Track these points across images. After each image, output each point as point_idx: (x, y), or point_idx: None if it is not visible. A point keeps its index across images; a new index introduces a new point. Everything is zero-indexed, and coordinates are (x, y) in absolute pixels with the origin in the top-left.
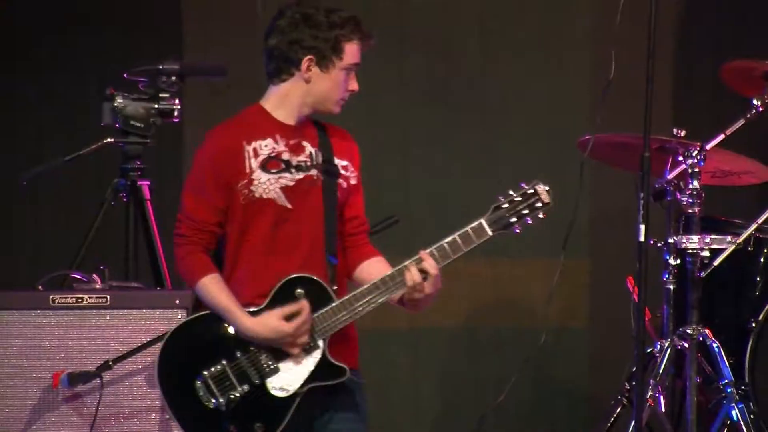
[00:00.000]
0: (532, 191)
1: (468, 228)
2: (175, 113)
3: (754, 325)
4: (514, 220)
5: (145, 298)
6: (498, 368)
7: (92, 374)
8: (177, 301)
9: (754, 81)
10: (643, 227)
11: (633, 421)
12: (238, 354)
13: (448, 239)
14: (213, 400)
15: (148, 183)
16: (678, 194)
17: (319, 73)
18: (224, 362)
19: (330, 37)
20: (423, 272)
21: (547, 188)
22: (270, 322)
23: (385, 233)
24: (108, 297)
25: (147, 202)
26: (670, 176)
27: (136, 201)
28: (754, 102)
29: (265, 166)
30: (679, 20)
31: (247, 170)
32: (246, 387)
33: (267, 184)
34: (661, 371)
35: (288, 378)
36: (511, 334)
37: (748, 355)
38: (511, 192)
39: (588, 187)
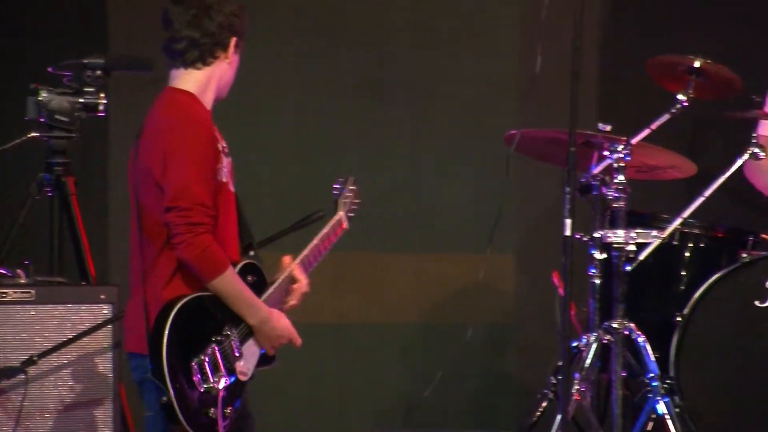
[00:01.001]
0: (353, 187)
1: (329, 226)
2: (101, 107)
3: (679, 319)
4: (351, 214)
5: (70, 293)
6: (425, 363)
7: (17, 369)
8: (102, 296)
9: (679, 76)
10: (569, 222)
11: (559, 415)
12: (222, 338)
13: (315, 242)
14: (205, 384)
15: (73, 178)
16: (604, 189)
17: (233, 56)
18: (214, 346)
19: (244, 19)
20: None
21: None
22: (284, 320)
23: (312, 227)
24: (33, 292)
25: (72, 197)
26: (595, 171)
27: (61, 196)
28: (679, 97)
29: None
30: (605, 15)
31: (220, 153)
32: (228, 371)
33: (225, 168)
34: (587, 365)
35: (248, 363)
36: (438, 329)
37: (673, 349)
38: (338, 186)
39: (514, 182)
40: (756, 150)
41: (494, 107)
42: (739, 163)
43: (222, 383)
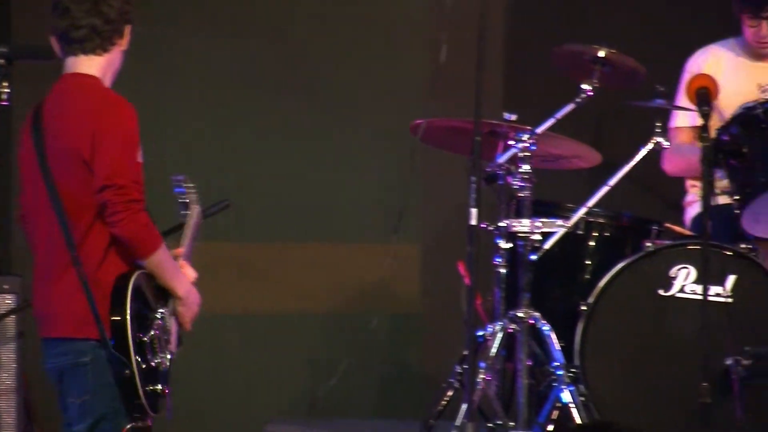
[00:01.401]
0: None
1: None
2: (3, 97)
3: (584, 308)
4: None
5: None
6: (331, 352)
7: None
8: (6, 286)
9: (584, 66)
10: (474, 211)
11: (464, 404)
12: (162, 315)
13: (189, 234)
14: (154, 359)
15: None
16: (509, 178)
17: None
18: (159, 322)
19: (131, 8)
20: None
21: None
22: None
23: (217, 217)
24: None
25: None
26: (501, 160)
27: None
28: (584, 87)
29: None
30: (510, 5)
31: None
32: (168, 348)
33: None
34: (492, 354)
35: (174, 341)
36: (343, 319)
37: (578, 338)
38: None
39: (420, 172)
40: (660, 139)
41: (400, 97)
42: (643, 152)
43: (168, 358)
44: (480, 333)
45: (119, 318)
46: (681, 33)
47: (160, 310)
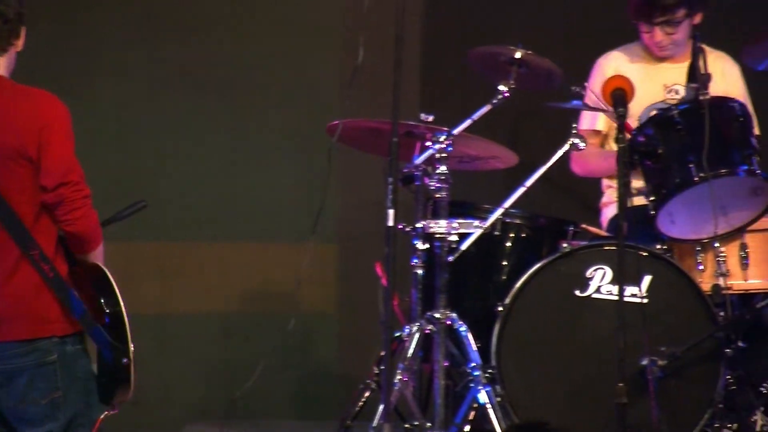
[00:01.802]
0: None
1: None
2: None
3: (500, 308)
4: None
5: None
6: (248, 353)
7: None
8: None
9: (501, 67)
10: (391, 212)
11: (382, 405)
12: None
13: None
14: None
15: None
16: (426, 179)
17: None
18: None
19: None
20: None
21: None
22: None
23: (133, 218)
24: None
25: None
26: (418, 161)
27: None
28: (500, 88)
29: None
30: (427, 6)
31: None
32: None
33: None
34: (409, 355)
35: None
36: (261, 320)
37: (495, 339)
38: None
39: (337, 172)
40: (576, 141)
41: (317, 97)
42: (559, 153)
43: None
44: (397, 334)
45: (116, 307)
46: (597, 35)
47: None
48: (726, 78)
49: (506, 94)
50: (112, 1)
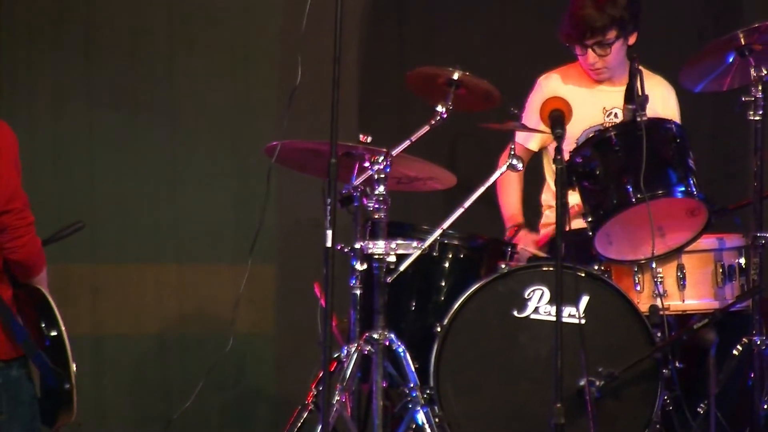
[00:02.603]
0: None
1: None
2: None
3: (439, 329)
4: None
5: None
6: (185, 374)
7: None
8: None
9: (438, 88)
10: (330, 232)
11: (320, 426)
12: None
13: None
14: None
15: None
16: (365, 200)
17: None
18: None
19: None
20: None
21: None
22: None
23: (70, 239)
24: None
25: None
26: (356, 182)
27: None
28: (439, 108)
29: None
30: (366, 27)
31: None
32: None
33: None
34: (347, 376)
35: None
36: (199, 340)
37: (433, 360)
38: None
39: (275, 193)
40: (514, 162)
41: (255, 118)
42: (497, 174)
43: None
44: (335, 354)
45: (57, 331)
46: (535, 56)
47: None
48: (665, 102)
49: (444, 115)
50: (48, 23)
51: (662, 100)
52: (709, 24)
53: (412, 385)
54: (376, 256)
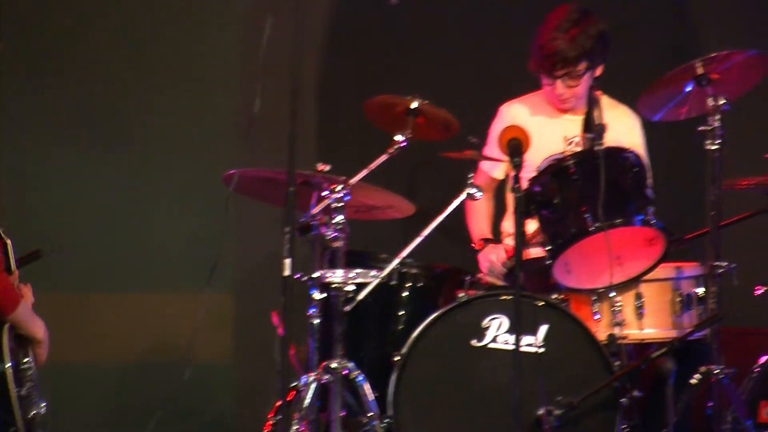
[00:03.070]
0: None
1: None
2: None
3: (397, 358)
4: None
5: None
6: (144, 402)
7: None
8: None
9: (397, 117)
10: (288, 261)
11: None
12: (29, 365)
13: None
14: (33, 411)
15: None
16: (323, 229)
17: None
18: (30, 374)
19: None
20: None
21: None
22: None
23: (29, 267)
24: None
25: None
26: (315, 211)
27: None
28: (397, 138)
29: None
30: (324, 55)
31: None
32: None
33: None
34: (306, 405)
35: None
36: (157, 369)
37: (392, 389)
38: None
39: (233, 222)
40: (472, 191)
41: (214, 146)
42: (456, 203)
43: (42, 407)
44: (294, 383)
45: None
46: (494, 85)
47: (26, 360)
48: (630, 133)
49: (403, 144)
50: (12, 48)
51: (627, 131)
52: (667, 53)
53: (370, 414)
54: (335, 285)
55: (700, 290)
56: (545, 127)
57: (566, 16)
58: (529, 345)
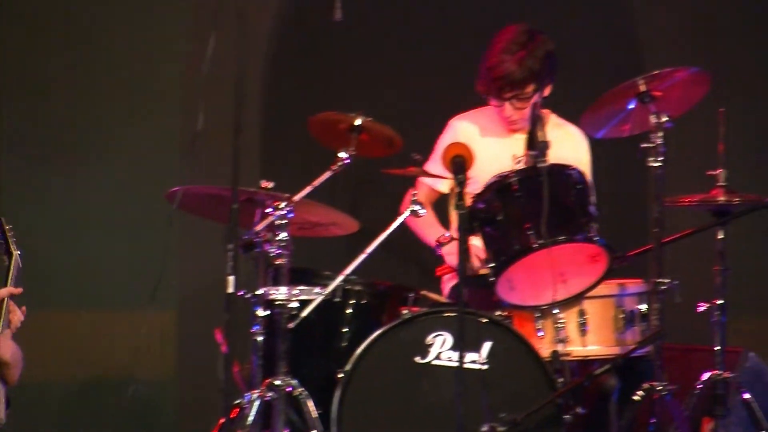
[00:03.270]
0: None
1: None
2: None
3: (341, 375)
4: None
5: None
6: (88, 420)
7: None
8: None
9: (340, 134)
10: (232, 278)
11: None
12: None
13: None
14: None
15: None
16: (267, 246)
17: None
18: None
19: None
20: None
21: None
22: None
23: None
24: None
25: None
26: (258, 228)
27: None
28: (341, 154)
29: None
30: (267, 72)
31: None
32: None
33: None
34: (249, 422)
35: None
36: (101, 387)
37: (335, 406)
38: None
39: (177, 239)
40: (416, 208)
41: (156, 163)
42: (400, 220)
43: None
44: (237, 401)
45: None
46: (438, 101)
47: None
48: (576, 151)
49: (347, 161)
50: None
51: (573, 149)
52: (610, 70)
53: (314, 431)
54: (279, 302)
55: (643, 307)
56: (495, 146)
57: (514, 38)
58: (473, 362)
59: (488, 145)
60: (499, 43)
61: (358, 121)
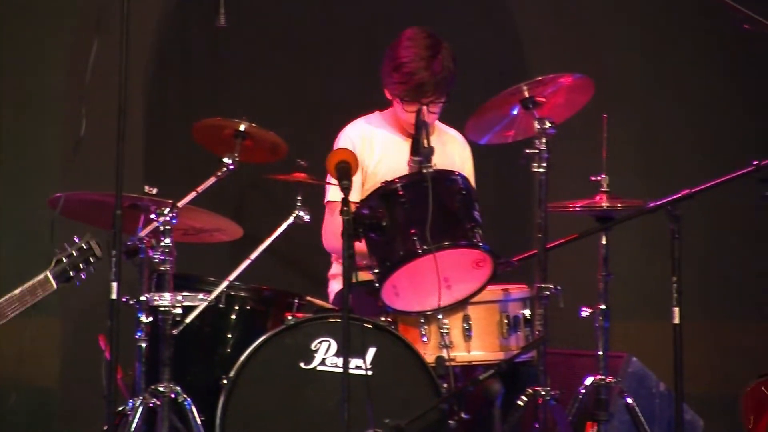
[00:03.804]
0: (86, 246)
1: (35, 281)
2: None
3: (225, 381)
4: (74, 273)
5: None
6: None
7: None
8: None
9: (225, 139)
10: (115, 285)
11: None
12: None
13: (15, 292)
14: None
15: None
16: (150, 252)
17: None
18: None
19: None
20: None
21: (98, 242)
22: None
23: None
24: None
25: None
26: (142, 234)
27: None
28: (225, 160)
29: None
30: (151, 78)
31: None
32: None
33: None
34: (132, 429)
35: None
36: None
37: (219, 412)
38: (67, 246)
39: (60, 245)
40: (301, 213)
41: (38, 170)
42: (284, 226)
43: None
44: (120, 408)
45: None
46: (325, 107)
47: None
48: (461, 156)
49: (231, 167)
50: None
51: (459, 155)
52: (494, 76)
53: None
54: (162, 309)
55: (527, 312)
56: (393, 149)
57: (424, 42)
58: (358, 367)
59: (386, 150)
60: (410, 48)
61: (242, 127)
